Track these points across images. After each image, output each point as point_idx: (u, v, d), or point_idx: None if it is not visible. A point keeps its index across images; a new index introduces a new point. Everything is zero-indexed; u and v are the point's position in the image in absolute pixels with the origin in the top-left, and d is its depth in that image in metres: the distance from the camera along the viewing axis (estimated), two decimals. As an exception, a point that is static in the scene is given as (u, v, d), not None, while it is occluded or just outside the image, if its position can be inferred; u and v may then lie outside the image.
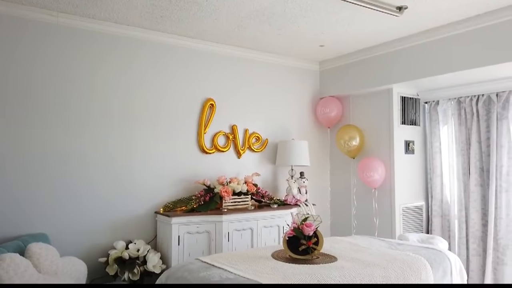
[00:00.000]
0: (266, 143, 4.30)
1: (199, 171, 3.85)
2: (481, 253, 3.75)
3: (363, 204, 4.31)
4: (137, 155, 3.53)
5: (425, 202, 4.25)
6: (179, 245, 3.30)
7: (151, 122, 3.61)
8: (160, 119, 3.66)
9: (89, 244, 3.25)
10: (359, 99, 4.44)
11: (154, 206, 3.58)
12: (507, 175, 3.58)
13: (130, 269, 3.09)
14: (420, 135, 4.29)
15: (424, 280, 2.52)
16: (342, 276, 2.24)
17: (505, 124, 3.60)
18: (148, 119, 3.60)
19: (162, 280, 2.39)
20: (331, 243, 3.03)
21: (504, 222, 3.58)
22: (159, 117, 3.66)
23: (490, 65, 3.18)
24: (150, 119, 3.61)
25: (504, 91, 3.60)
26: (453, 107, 4.02)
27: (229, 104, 4.06)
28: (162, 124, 3.67)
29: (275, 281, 2.10)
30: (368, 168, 4.04)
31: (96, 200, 3.32)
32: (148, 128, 3.60)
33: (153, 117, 3.63)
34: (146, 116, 3.59)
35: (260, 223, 3.68)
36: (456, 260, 2.84)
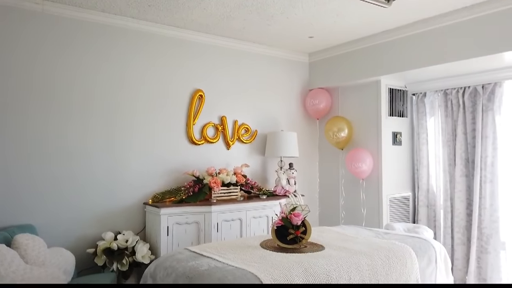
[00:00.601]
0: (255, 135, 4.31)
1: (188, 162, 3.84)
2: (465, 242, 3.83)
3: (351, 194, 4.36)
4: (126, 146, 3.51)
5: (411, 193, 4.32)
6: (168, 236, 3.31)
7: (139, 113, 3.59)
8: (149, 110, 3.64)
9: (77, 235, 3.23)
10: (348, 90, 4.47)
11: (142, 197, 3.57)
12: (491, 165, 3.65)
13: (119, 260, 3.09)
14: (407, 127, 4.34)
15: (409, 268, 2.57)
16: (329, 264, 2.28)
17: (490, 116, 3.66)
18: (136, 110, 3.57)
19: (150, 270, 2.40)
20: (319, 232, 3.07)
21: (488, 212, 3.66)
22: (147, 108, 3.63)
23: (477, 57, 3.22)
24: (138, 110, 3.58)
25: (490, 83, 3.66)
26: (440, 98, 4.07)
27: (218, 95, 4.05)
28: (151, 115, 3.65)
29: (263, 270, 2.13)
30: (356, 159, 4.08)
31: (84, 191, 3.30)
32: (136, 119, 3.57)
33: (141, 108, 3.60)
34: (134, 107, 3.56)
35: (249, 214, 3.70)
36: (440, 248, 2.90)
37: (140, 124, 3.59)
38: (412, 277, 2.58)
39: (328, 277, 2.18)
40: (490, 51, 3.14)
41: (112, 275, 2.95)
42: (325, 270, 2.21)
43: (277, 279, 2.05)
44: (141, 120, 3.59)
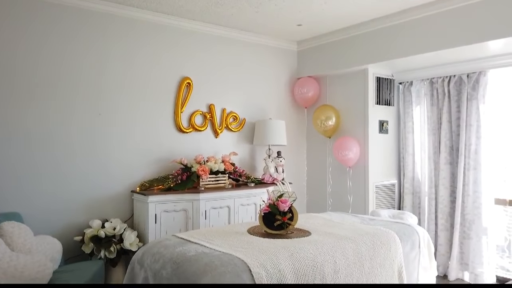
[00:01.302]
0: (243, 123, 4.31)
1: (176, 150, 3.83)
2: (448, 228, 3.92)
3: (338, 182, 4.41)
4: (113, 134, 3.48)
5: (397, 180, 4.39)
6: (156, 223, 3.31)
7: (126, 101, 3.56)
8: (136, 97, 3.61)
9: (63, 223, 3.22)
10: (336, 79, 4.49)
11: (130, 185, 3.56)
12: (475, 153, 3.72)
13: (107, 247, 3.09)
14: (394, 115, 4.39)
15: (393, 252, 2.63)
16: (315, 249, 2.31)
17: (474, 104, 3.72)
18: (123, 97, 3.54)
19: (138, 256, 2.41)
20: (306, 219, 3.11)
21: (471, 199, 3.74)
22: (135, 96, 3.60)
23: (462, 46, 3.26)
24: (126, 98, 3.55)
25: (475, 72, 3.71)
26: (426, 87, 4.12)
27: (206, 83, 4.03)
28: (138, 103, 3.62)
29: (250, 255, 2.15)
30: (343, 148, 4.12)
31: (71, 180, 3.28)
32: (124, 107, 3.54)
33: (129, 96, 3.57)
34: (121, 94, 3.53)
35: (237, 201, 3.72)
36: (424, 233, 2.97)
37: (127, 112, 3.56)
38: (396, 261, 2.64)
39: (314, 262, 2.22)
40: (475, 40, 3.18)
41: (99, 262, 2.95)
42: (311, 255, 2.25)
43: (264, 263, 2.08)
44: (128, 108, 3.56)
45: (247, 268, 2.02)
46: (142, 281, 2.28)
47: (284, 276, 2.07)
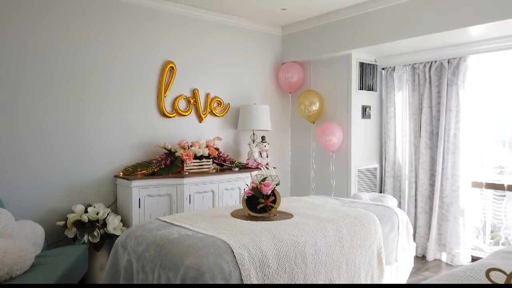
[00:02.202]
0: (228, 108, 4.30)
1: (160, 135, 3.82)
2: (427, 210, 4.03)
3: (322, 166, 4.47)
4: (95, 118, 3.44)
5: (379, 164, 4.47)
6: (139, 208, 3.32)
7: (108, 85, 3.50)
8: (118, 81, 3.56)
9: (46, 208, 3.20)
10: (320, 64, 4.50)
11: (113, 170, 3.54)
12: (454, 137, 3.81)
13: (90, 232, 3.09)
14: (376, 101, 4.45)
15: (373, 233, 2.70)
16: (297, 230, 2.36)
17: (454, 90, 3.80)
18: (105, 82, 3.48)
19: (121, 239, 2.42)
20: (288, 202, 3.16)
21: (450, 182, 3.85)
22: (116, 79, 3.55)
23: (444, 31, 3.29)
24: (107, 82, 3.50)
25: (455, 58, 3.77)
26: (408, 73, 4.17)
27: (189, 67, 4.00)
28: (120, 87, 3.57)
29: (233, 237, 2.18)
30: (326, 132, 4.17)
31: (53, 165, 3.24)
32: (105, 91, 3.49)
33: (110, 79, 3.52)
34: (102, 78, 3.47)
35: (221, 186, 3.75)
36: (403, 215, 3.05)
37: (109, 96, 3.51)
38: (376, 242, 2.71)
39: (296, 243, 2.27)
40: (456, 25, 3.22)
41: (83, 247, 2.95)
42: (293, 236, 2.30)
43: (246, 245, 2.11)
44: (110, 92, 3.52)
45: (230, 249, 2.05)
46: (125, 263, 2.29)
47: (266, 257, 2.11)
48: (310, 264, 2.27)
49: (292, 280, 2.17)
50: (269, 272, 2.09)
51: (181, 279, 1.90)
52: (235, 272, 1.97)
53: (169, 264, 2.02)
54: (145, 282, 2.15)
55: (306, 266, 2.26)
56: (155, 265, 2.09)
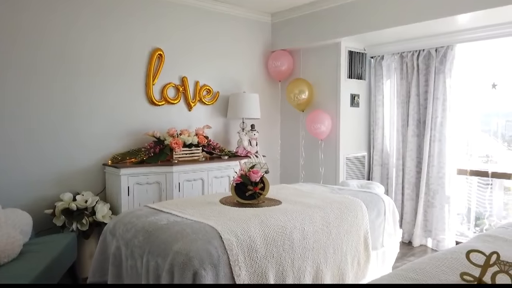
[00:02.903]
0: (217, 96, 4.29)
1: (149, 123, 3.80)
2: (414, 197, 4.10)
3: (311, 155, 4.51)
4: (83, 107, 3.41)
5: (367, 152, 4.52)
6: (128, 196, 3.31)
7: (96, 72, 3.46)
8: (106, 68, 3.52)
9: (33, 197, 3.17)
10: (309, 53, 4.50)
11: (102, 158, 3.53)
12: (440, 125, 3.87)
13: (78, 220, 3.08)
14: (365, 89, 4.47)
15: (359, 219, 2.74)
16: (284, 216, 2.39)
17: (441, 78, 3.84)
18: (92, 68, 3.44)
19: (110, 226, 2.42)
20: (277, 189, 3.18)
21: (436, 169, 3.91)
22: (105, 67, 3.51)
23: (432, 20, 3.31)
24: (95, 69, 3.46)
25: (443, 46, 3.80)
26: (396, 61, 4.20)
27: (178, 55, 3.96)
28: (108, 74, 3.54)
29: (221, 222, 2.20)
30: (315, 121, 4.19)
31: (41, 153, 3.21)
32: (93, 78, 3.45)
33: (99, 67, 3.47)
34: (91, 66, 3.43)
35: (211, 174, 3.76)
36: (389, 202, 3.11)
37: (97, 83, 3.47)
38: (362, 228, 2.76)
39: (283, 228, 2.30)
40: (444, 13, 3.23)
41: (71, 234, 2.94)
42: (280, 222, 2.32)
43: (234, 230, 2.14)
44: (98, 79, 3.48)
45: (218, 235, 2.07)
46: (114, 250, 2.30)
47: (254, 242, 2.13)
48: (297, 249, 2.31)
49: (280, 264, 2.21)
50: (257, 257, 2.12)
51: (170, 264, 1.92)
52: (223, 257, 1.99)
53: (158, 250, 2.04)
54: (133, 268, 2.16)
55: (294, 251, 2.29)
56: (143, 251, 2.10)
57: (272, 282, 2.16)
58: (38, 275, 2.23)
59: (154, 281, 2.00)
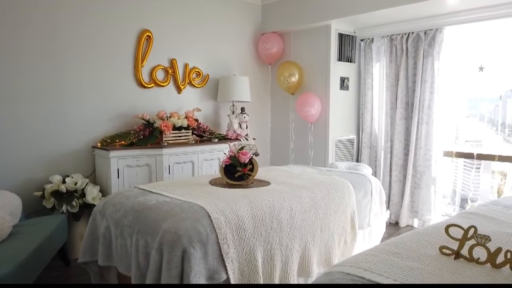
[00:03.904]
0: (207, 79, 4.27)
1: (138, 105, 3.78)
2: (401, 179, 4.17)
3: (300, 137, 4.54)
4: (71, 89, 3.37)
5: (356, 135, 4.57)
6: (118, 178, 3.32)
7: (83, 53, 3.42)
8: (95, 50, 3.47)
9: (22, 179, 3.17)
10: (300, 35, 4.49)
11: (91, 140, 3.52)
12: (428, 108, 3.91)
13: (68, 202, 3.09)
14: (355, 72, 4.49)
15: (346, 199, 2.80)
16: (273, 196, 2.43)
17: (430, 61, 3.86)
18: (79, 49, 3.39)
19: (99, 207, 2.44)
20: (266, 171, 3.22)
21: (423, 151, 3.98)
22: (93, 48, 3.46)
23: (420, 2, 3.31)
24: (82, 50, 3.41)
25: (432, 29, 3.82)
26: (386, 44, 4.21)
27: (167, 36, 3.92)
28: (97, 56, 3.49)
29: (210, 202, 2.23)
30: (305, 104, 4.21)
31: (28, 135, 3.19)
32: (80, 60, 3.41)
33: (87, 48, 3.43)
34: (78, 47, 3.38)
35: (201, 156, 3.77)
36: (376, 183, 3.16)
37: (84, 65, 3.43)
38: (349, 208, 2.82)
39: (272, 208, 2.34)
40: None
41: (61, 216, 2.95)
42: (268, 202, 2.36)
43: (223, 210, 2.17)
44: (85, 61, 3.44)
45: (207, 214, 2.10)
46: (103, 230, 2.33)
47: (242, 221, 2.17)
48: (285, 228, 2.35)
49: (268, 243, 2.25)
50: (245, 236, 2.16)
51: (159, 242, 1.95)
52: (212, 236, 2.02)
53: (147, 229, 2.06)
54: (123, 247, 2.19)
55: (282, 230, 2.34)
56: (133, 230, 2.13)
57: (260, 259, 2.21)
58: (28, 255, 2.25)
59: (144, 259, 2.03)
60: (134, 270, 2.08)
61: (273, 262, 2.27)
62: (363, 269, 1.29)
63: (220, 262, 2.03)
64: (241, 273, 2.11)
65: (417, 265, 1.34)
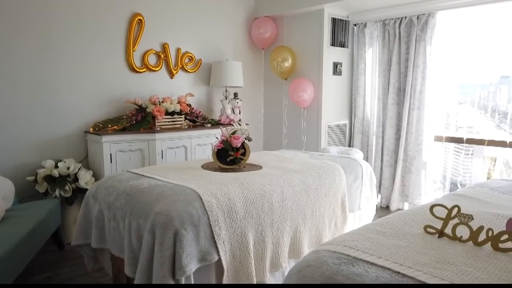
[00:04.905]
0: (199, 64, 4.25)
1: (130, 90, 3.77)
2: (392, 164, 4.23)
3: (293, 123, 4.56)
4: (62, 73, 3.35)
5: (348, 120, 4.59)
6: (111, 163, 3.33)
7: (74, 37, 3.39)
8: (86, 34, 3.44)
9: (14, 164, 3.17)
10: (293, 20, 4.46)
11: (83, 125, 3.51)
12: (420, 93, 3.94)
13: (61, 186, 3.10)
14: (348, 57, 4.49)
15: (337, 183, 2.83)
16: (264, 180, 2.45)
17: (422, 46, 3.87)
18: (70, 33, 3.36)
19: (92, 191, 2.45)
20: (259, 155, 3.24)
21: (414, 136, 4.02)
22: (84, 32, 3.43)
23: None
24: (74, 35, 3.38)
25: (424, 14, 3.82)
26: (379, 29, 4.21)
27: (159, 20, 3.89)
28: (88, 40, 3.46)
29: (202, 185, 2.25)
30: (298, 89, 4.22)
31: (19, 119, 3.18)
32: (71, 44, 3.38)
33: (78, 32, 3.40)
34: (69, 31, 3.35)
35: (193, 141, 3.78)
36: (367, 167, 3.20)
37: (75, 49, 3.41)
38: (340, 191, 2.86)
39: (263, 191, 2.36)
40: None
41: (55, 201, 2.97)
42: (260, 185, 2.39)
43: (215, 193, 2.19)
44: (76, 45, 3.41)
45: (198, 197, 2.12)
46: (96, 213, 2.35)
47: (234, 203, 2.20)
48: (276, 211, 2.39)
49: (259, 225, 2.29)
50: (236, 218, 2.19)
51: (151, 224, 1.97)
52: (203, 218, 2.05)
53: (139, 212, 2.08)
54: (116, 230, 2.21)
55: (273, 212, 2.37)
56: (125, 213, 2.15)
57: (252, 241, 2.25)
58: (21, 239, 2.28)
59: (136, 241, 2.06)
60: (127, 252, 2.10)
61: (264, 243, 2.31)
62: (349, 247, 1.33)
63: (211, 244, 2.06)
64: (232, 254, 2.15)
65: (401, 243, 1.38)
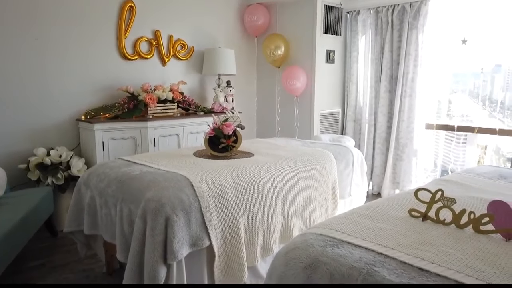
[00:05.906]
0: (192, 51, 4.23)
1: (122, 78, 3.75)
2: (384, 151, 4.26)
3: (286, 111, 4.57)
4: (54, 61, 3.32)
5: (341, 108, 4.61)
6: (104, 151, 3.33)
7: (66, 24, 3.35)
8: (76, 20, 3.40)
9: (5, 152, 3.16)
10: (286, 7, 4.44)
11: (75, 113, 3.50)
12: (411, 81, 3.96)
13: (53, 174, 3.11)
14: (340, 45, 4.48)
15: (328, 170, 2.86)
16: (255, 167, 2.47)
17: (414, 34, 3.88)
18: (62, 21, 3.32)
19: (84, 178, 2.46)
20: (251, 143, 3.26)
21: (405, 124, 4.05)
22: (75, 18, 3.39)
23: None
24: (64, 21, 3.34)
25: (417, 1, 3.81)
26: (372, 17, 4.20)
27: (150, 7, 3.85)
28: (79, 27, 3.43)
29: (193, 172, 2.27)
30: (291, 77, 4.22)
31: (11, 107, 3.16)
32: (63, 31, 3.34)
33: (68, 18, 3.36)
34: (59, 17, 3.31)
35: (186, 129, 3.79)
36: (358, 154, 3.23)
37: (67, 38, 3.37)
38: (331, 178, 2.89)
39: (254, 178, 2.39)
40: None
41: (47, 188, 2.98)
42: (251, 172, 2.41)
43: (206, 179, 2.21)
44: (68, 33, 3.37)
45: (190, 183, 2.14)
46: (88, 200, 2.36)
47: (225, 190, 2.22)
48: (267, 197, 2.42)
49: (251, 211, 2.32)
50: (228, 204, 2.21)
51: (143, 210, 1.99)
52: (194, 204, 2.07)
53: (130, 198, 2.10)
54: (108, 216, 2.23)
55: (264, 199, 2.40)
56: (117, 199, 2.16)
57: (243, 227, 2.28)
58: (13, 226, 2.29)
59: (128, 226, 2.08)
60: (119, 238, 2.13)
61: (255, 229, 2.35)
62: (335, 230, 1.36)
63: (203, 229, 2.09)
64: (224, 239, 2.18)
65: (386, 226, 1.41)
